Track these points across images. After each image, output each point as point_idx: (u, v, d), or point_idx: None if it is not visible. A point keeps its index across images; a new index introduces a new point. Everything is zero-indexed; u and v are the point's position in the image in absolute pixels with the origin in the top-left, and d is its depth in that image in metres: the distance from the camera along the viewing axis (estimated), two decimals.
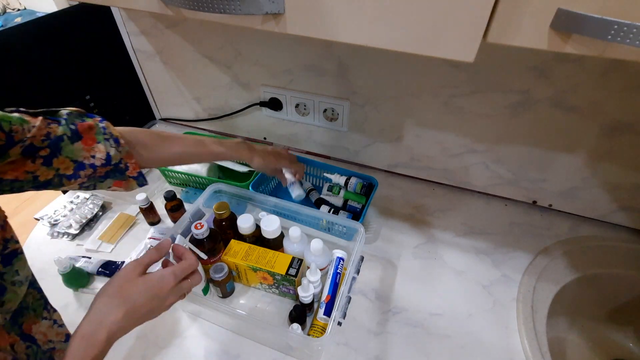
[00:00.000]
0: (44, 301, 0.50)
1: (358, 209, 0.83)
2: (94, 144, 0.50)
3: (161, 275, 0.46)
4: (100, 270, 0.75)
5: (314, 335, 0.60)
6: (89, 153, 0.49)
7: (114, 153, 0.51)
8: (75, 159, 0.48)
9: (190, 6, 0.46)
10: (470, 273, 0.76)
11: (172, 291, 0.46)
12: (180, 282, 0.48)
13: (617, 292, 0.78)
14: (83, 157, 0.49)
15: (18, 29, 0.85)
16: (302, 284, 0.62)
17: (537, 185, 0.85)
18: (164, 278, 0.46)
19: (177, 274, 0.47)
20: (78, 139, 0.48)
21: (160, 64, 1.02)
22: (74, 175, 0.48)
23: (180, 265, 0.49)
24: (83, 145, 0.49)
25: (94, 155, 0.50)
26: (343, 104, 0.88)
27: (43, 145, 0.44)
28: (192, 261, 0.50)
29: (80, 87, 1.01)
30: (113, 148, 0.51)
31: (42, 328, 0.48)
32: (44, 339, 0.47)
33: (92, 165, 0.49)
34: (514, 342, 0.65)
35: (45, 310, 0.49)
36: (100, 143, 0.50)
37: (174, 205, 0.82)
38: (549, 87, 0.69)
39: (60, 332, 0.51)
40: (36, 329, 0.47)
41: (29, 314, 0.47)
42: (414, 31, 0.40)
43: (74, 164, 0.48)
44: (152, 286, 0.45)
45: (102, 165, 0.50)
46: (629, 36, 0.30)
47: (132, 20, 0.95)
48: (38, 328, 0.47)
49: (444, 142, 0.86)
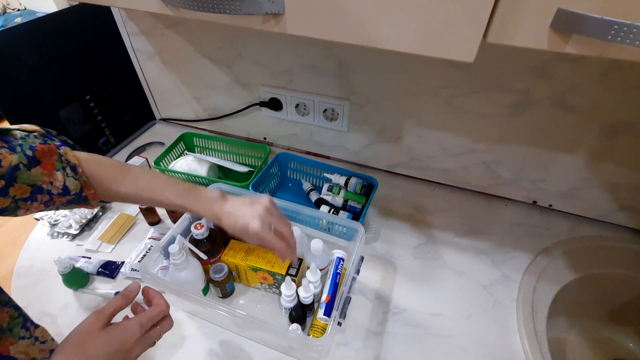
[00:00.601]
0: (23, 319, 0.48)
1: (358, 209, 0.83)
2: (53, 170, 0.46)
3: (124, 327, 0.42)
4: (100, 271, 0.75)
5: (314, 336, 0.60)
6: (48, 178, 0.46)
7: (73, 185, 0.48)
8: (33, 183, 0.45)
9: (190, 6, 0.46)
10: (470, 273, 0.76)
11: (138, 343, 0.42)
12: (148, 330, 0.44)
13: (617, 292, 0.78)
14: (42, 182, 0.46)
15: (18, 29, 0.85)
16: (303, 284, 0.62)
17: (537, 185, 0.85)
18: (127, 330, 0.42)
19: (144, 323, 0.43)
20: (36, 164, 0.45)
21: (160, 64, 1.02)
22: (30, 198, 0.45)
23: (148, 313, 0.45)
24: (42, 170, 0.46)
25: (52, 182, 0.46)
26: (343, 104, 0.88)
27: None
28: (162, 307, 0.46)
29: (80, 87, 1.01)
30: (71, 177, 0.48)
31: (21, 348, 0.46)
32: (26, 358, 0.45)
33: (49, 192, 0.46)
34: (514, 343, 0.65)
35: (23, 329, 0.47)
36: (59, 171, 0.47)
37: None
38: (549, 87, 0.69)
39: (44, 349, 0.49)
40: (15, 349, 0.44)
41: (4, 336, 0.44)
42: (414, 31, 0.40)
43: (32, 188, 0.45)
44: (114, 340, 0.41)
45: (58, 195, 0.47)
46: (629, 36, 0.30)
47: (132, 20, 0.95)
48: (17, 348, 0.45)
49: (444, 142, 0.86)
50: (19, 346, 0.45)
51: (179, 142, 1.01)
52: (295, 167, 0.95)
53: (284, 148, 1.07)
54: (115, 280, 0.75)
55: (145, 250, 0.79)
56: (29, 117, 0.99)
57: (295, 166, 0.95)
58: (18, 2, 2.40)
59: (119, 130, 1.25)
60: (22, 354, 0.45)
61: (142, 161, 0.97)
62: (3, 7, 2.39)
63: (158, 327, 0.45)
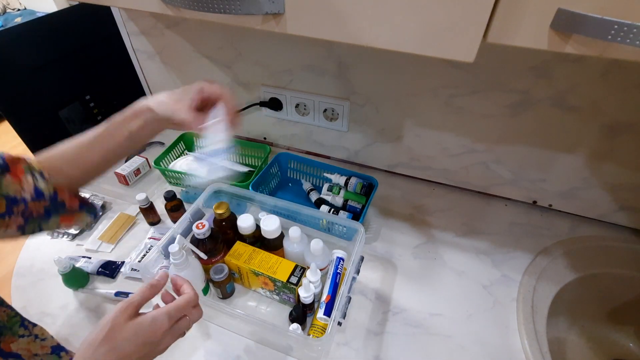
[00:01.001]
0: (20, 318, 0.47)
1: (358, 209, 0.83)
2: (22, 176, 0.44)
3: (153, 317, 0.41)
4: (100, 270, 0.75)
5: (314, 336, 0.60)
6: (20, 186, 0.44)
7: (43, 185, 0.46)
8: (5, 193, 0.43)
9: (191, 6, 0.46)
10: (470, 273, 0.76)
11: (167, 334, 0.42)
12: (178, 321, 0.44)
13: (617, 292, 0.78)
14: (14, 191, 0.43)
15: (18, 29, 0.85)
16: (303, 284, 0.62)
17: (537, 185, 0.85)
18: (156, 321, 0.41)
19: (172, 314, 0.43)
20: (6, 170, 0.43)
21: (160, 64, 1.02)
22: (7, 213, 0.43)
23: (177, 303, 0.44)
24: (12, 178, 0.44)
25: (24, 188, 0.44)
26: (343, 104, 0.88)
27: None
28: (191, 296, 0.46)
29: (80, 87, 1.01)
30: (40, 181, 0.46)
31: (23, 345, 0.46)
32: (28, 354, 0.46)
33: (23, 200, 0.44)
34: (514, 342, 0.65)
35: (22, 328, 0.47)
36: (28, 174, 0.45)
37: (174, 205, 0.82)
38: (549, 87, 0.69)
39: (45, 345, 0.49)
40: (16, 346, 0.45)
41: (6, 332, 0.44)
42: (414, 31, 0.40)
43: (6, 200, 0.43)
44: (143, 331, 0.40)
45: (33, 200, 0.45)
46: (629, 36, 0.30)
47: (132, 20, 0.95)
48: (18, 345, 0.45)
49: (444, 142, 0.86)
50: (20, 343, 0.45)
51: (179, 142, 1.01)
52: (295, 167, 0.95)
53: (284, 148, 1.07)
54: (115, 280, 0.75)
55: (145, 250, 0.79)
56: (29, 117, 0.99)
57: (295, 166, 0.95)
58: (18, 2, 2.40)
59: None
60: (24, 351, 0.46)
61: (142, 161, 0.97)
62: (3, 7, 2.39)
63: (187, 317, 0.45)
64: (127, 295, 0.70)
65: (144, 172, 0.99)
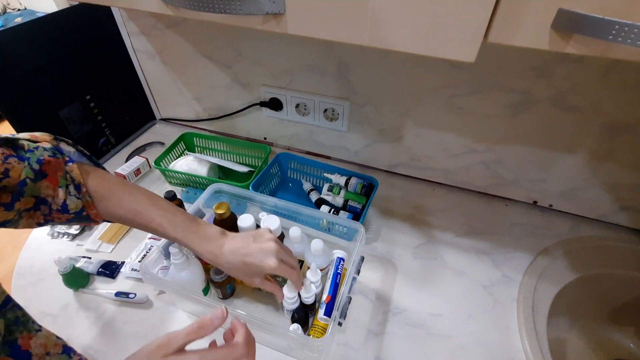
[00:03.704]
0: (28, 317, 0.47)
1: (358, 209, 0.83)
2: (57, 185, 0.46)
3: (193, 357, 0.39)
4: (100, 271, 0.75)
5: (315, 336, 0.60)
6: (52, 192, 0.46)
7: (73, 204, 0.47)
8: (37, 195, 0.45)
9: (191, 6, 0.46)
10: (471, 273, 0.76)
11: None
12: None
13: (617, 293, 0.78)
14: (46, 195, 0.45)
15: (18, 29, 0.85)
16: (304, 285, 0.62)
17: (537, 185, 0.85)
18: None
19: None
20: (42, 177, 0.44)
21: (160, 64, 1.02)
22: (34, 208, 0.45)
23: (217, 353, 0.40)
24: (48, 182, 0.45)
25: (54, 198, 0.46)
26: (343, 104, 0.88)
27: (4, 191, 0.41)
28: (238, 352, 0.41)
29: (80, 87, 1.01)
30: (73, 196, 0.47)
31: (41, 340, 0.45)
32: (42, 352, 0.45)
33: (49, 206, 0.46)
34: (515, 343, 0.65)
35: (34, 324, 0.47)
36: (61, 188, 0.46)
37: None
38: (550, 87, 0.69)
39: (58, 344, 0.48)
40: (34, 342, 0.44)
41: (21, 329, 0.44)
42: (414, 31, 0.40)
43: (35, 199, 0.45)
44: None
45: (57, 211, 0.46)
46: (630, 36, 0.30)
47: (132, 20, 0.95)
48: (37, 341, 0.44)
49: (444, 142, 0.86)
50: (39, 338, 0.45)
51: (179, 142, 1.01)
52: (295, 167, 0.95)
53: (284, 148, 1.07)
54: (115, 281, 0.75)
55: (146, 250, 0.79)
56: (29, 117, 0.99)
57: (296, 166, 0.95)
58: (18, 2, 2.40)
59: (119, 130, 1.25)
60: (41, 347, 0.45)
61: (142, 161, 0.97)
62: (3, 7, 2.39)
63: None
64: (128, 295, 0.70)
65: (144, 172, 0.99)
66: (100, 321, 0.69)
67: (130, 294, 0.71)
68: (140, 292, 0.71)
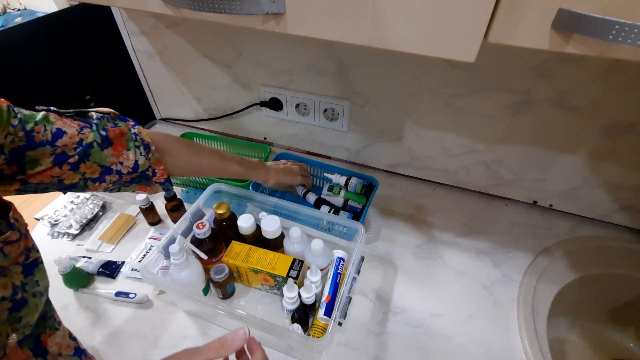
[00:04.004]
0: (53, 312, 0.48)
1: (358, 209, 0.83)
2: (123, 150, 0.49)
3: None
4: (100, 271, 0.75)
5: (315, 336, 0.60)
6: (117, 159, 0.49)
7: (143, 162, 0.51)
8: (102, 164, 0.48)
9: (191, 6, 0.46)
10: (471, 273, 0.76)
11: None
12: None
13: (617, 292, 0.78)
14: (111, 163, 0.48)
15: (18, 29, 0.85)
16: (305, 285, 0.62)
17: (537, 185, 0.85)
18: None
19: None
20: (108, 145, 0.48)
21: (160, 64, 1.02)
22: (99, 179, 0.48)
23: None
24: (112, 151, 0.48)
25: (122, 162, 0.49)
26: (343, 104, 0.88)
27: (73, 153, 0.44)
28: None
29: (80, 87, 1.01)
30: (142, 156, 0.51)
31: (58, 339, 0.46)
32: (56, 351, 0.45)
33: (118, 172, 0.49)
34: (515, 343, 0.65)
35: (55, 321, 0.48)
36: (130, 150, 0.50)
37: (174, 205, 0.82)
38: (550, 87, 0.69)
39: (70, 345, 0.49)
40: (52, 341, 0.45)
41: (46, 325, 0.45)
42: (414, 31, 0.40)
43: (101, 168, 0.48)
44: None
45: (128, 173, 0.50)
46: (630, 36, 0.30)
47: (132, 20, 0.95)
48: (54, 340, 0.45)
49: (444, 142, 0.86)
50: (56, 337, 0.46)
51: None
52: None
53: (284, 148, 1.07)
54: (115, 280, 0.75)
55: (146, 250, 0.79)
56: None
57: None
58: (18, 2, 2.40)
59: None
60: (56, 346, 0.45)
61: None
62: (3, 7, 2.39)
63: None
64: (128, 295, 0.70)
65: None
66: (100, 321, 0.69)
67: (130, 294, 0.71)
68: (140, 292, 0.71)
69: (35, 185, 0.44)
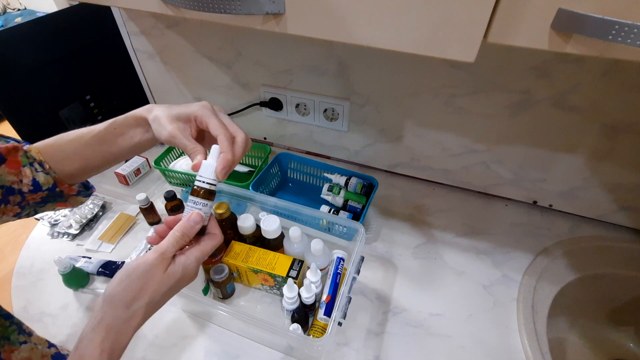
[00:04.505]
0: (17, 326, 0.47)
1: (358, 209, 0.83)
2: (20, 168, 0.44)
3: (185, 268, 0.42)
4: (100, 271, 0.75)
5: (315, 336, 0.60)
6: (17, 177, 0.44)
7: (44, 179, 0.46)
8: (2, 184, 0.43)
9: (191, 6, 0.46)
10: (471, 273, 0.76)
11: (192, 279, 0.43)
12: None
13: (617, 292, 0.78)
14: (10, 182, 0.44)
15: (18, 29, 0.85)
16: (305, 285, 0.62)
17: (537, 185, 0.85)
18: (187, 271, 0.42)
19: (200, 261, 0.43)
20: (2, 161, 0.43)
21: (160, 64, 1.02)
22: (3, 201, 0.44)
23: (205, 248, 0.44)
24: (8, 168, 0.44)
25: (22, 180, 0.45)
26: (343, 104, 0.88)
27: None
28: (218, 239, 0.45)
29: (80, 87, 1.01)
30: (40, 172, 0.46)
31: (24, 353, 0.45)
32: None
33: (20, 192, 0.44)
34: (515, 343, 0.65)
35: (21, 335, 0.46)
36: (26, 167, 0.45)
37: (174, 205, 0.82)
38: (550, 87, 0.69)
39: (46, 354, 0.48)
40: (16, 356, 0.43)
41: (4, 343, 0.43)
42: (414, 31, 0.40)
43: (1, 189, 0.43)
44: (174, 281, 0.41)
45: (30, 192, 0.45)
46: (629, 36, 0.30)
47: (132, 20, 0.95)
48: (18, 355, 0.44)
49: (444, 142, 0.86)
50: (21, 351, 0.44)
51: None
52: (295, 167, 0.95)
53: (284, 148, 1.07)
54: None
55: (146, 250, 0.79)
56: (29, 117, 0.99)
57: (296, 166, 0.95)
58: (18, 2, 2.40)
59: None
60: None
61: (142, 161, 0.97)
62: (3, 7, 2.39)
63: None
64: None
65: (144, 172, 0.99)
66: None
67: None
68: None
69: None
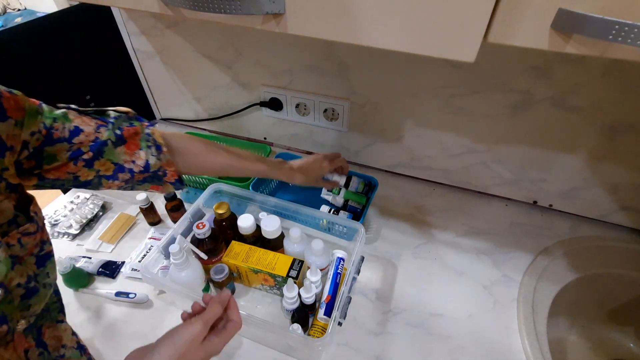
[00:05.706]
0: (60, 304, 0.49)
1: (358, 209, 0.83)
2: (136, 150, 0.50)
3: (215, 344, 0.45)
4: (100, 271, 0.75)
5: (315, 336, 0.60)
6: (130, 158, 0.50)
7: (154, 162, 0.52)
8: (116, 161, 0.49)
9: (191, 6, 0.46)
10: (471, 273, 0.76)
11: None
12: None
13: (617, 292, 0.78)
14: (124, 161, 0.49)
15: (18, 29, 0.84)
16: (305, 285, 0.62)
17: (537, 185, 0.85)
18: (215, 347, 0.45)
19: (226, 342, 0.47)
20: (122, 143, 0.49)
21: (160, 64, 1.02)
22: (112, 177, 0.49)
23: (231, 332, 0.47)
24: (126, 149, 0.49)
25: (134, 161, 0.50)
26: (343, 104, 0.88)
27: (87, 150, 0.46)
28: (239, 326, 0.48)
29: (80, 87, 1.01)
30: (154, 157, 0.52)
31: (58, 331, 0.47)
32: (56, 344, 0.46)
33: (130, 171, 0.50)
34: (515, 343, 0.65)
35: (61, 314, 0.49)
36: (142, 150, 0.51)
37: (174, 205, 0.82)
38: (550, 87, 0.69)
39: (73, 340, 0.50)
40: (50, 334, 0.46)
41: (48, 317, 0.46)
42: (414, 31, 0.40)
43: (115, 166, 0.49)
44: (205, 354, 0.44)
45: (139, 172, 0.51)
46: (630, 36, 0.30)
47: (132, 20, 0.95)
48: (52, 332, 0.46)
49: (444, 142, 0.86)
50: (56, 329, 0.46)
51: None
52: None
53: (284, 148, 1.07)
54: (115, 280, 0.75)
55: (146, 250, 0.79)
56: None
57: None
58: (18, 2, 2.40)
59: None
60: (55, 340, 0.46)
61: None
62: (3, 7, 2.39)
63: None
64: (128, 295, 0.70)
65: None
66: (100, 321, 0.69)
67: (130, 293, 0.71)
68: (140, 292, 0.71)
69: (52, 180, 0.45)
